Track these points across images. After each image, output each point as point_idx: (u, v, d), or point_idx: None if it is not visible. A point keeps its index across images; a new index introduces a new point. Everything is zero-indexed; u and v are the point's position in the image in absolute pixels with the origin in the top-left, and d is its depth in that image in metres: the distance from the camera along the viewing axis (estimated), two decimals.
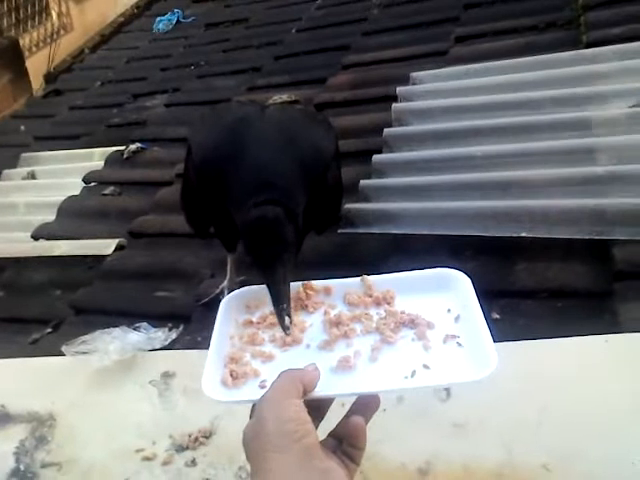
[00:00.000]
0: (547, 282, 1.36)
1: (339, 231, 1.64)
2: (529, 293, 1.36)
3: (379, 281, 0.90)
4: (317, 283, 0.93)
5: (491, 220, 1.51)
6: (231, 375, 0.80)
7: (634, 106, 1.72)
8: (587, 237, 1.40)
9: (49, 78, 4.34)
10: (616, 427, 1.01)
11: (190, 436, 1.18)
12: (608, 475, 0.95)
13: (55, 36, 5.24)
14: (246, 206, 1.01)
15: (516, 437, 1.04)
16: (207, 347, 0.84)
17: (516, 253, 1.45)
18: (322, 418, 0.75)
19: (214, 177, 1.16)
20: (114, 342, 1.41)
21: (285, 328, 0.84)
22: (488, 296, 0.82)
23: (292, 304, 0.90)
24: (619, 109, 1.75)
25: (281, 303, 0.86)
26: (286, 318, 0.84)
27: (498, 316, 1.31)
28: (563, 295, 1.33)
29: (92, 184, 2.48)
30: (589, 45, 2.13)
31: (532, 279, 1.38)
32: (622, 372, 1.09)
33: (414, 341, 0.81)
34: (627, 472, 0.95)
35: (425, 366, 0.77)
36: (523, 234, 1.46)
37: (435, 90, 2.19)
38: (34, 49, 5.08)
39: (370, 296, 0.89)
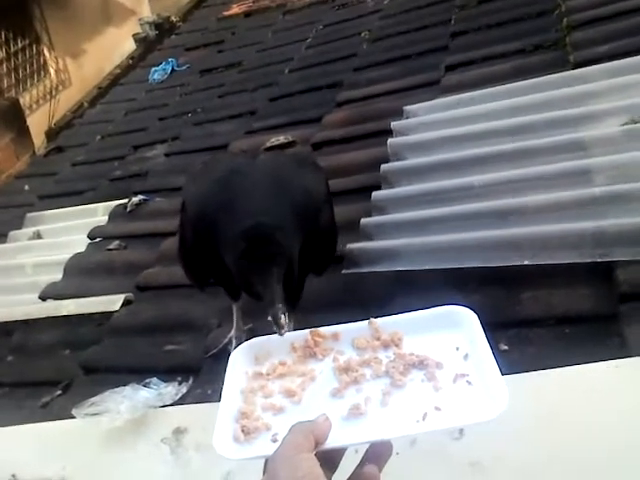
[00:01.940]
0: (553, 309, 1.35)
1: (343, 271, 1.64)
2: (536, 321, 1.35)
3: (386, 323, 0.90)
4: (325, 330, 0.93)
5: (493, 250, 1.51)
6: (242, 431, 0.79)
7: (626, 124, 1.73)
8: (589, 260, 1.39)
9: (50, 134, 4.42)
10: (628, 455, 0.99)
11: None
12: None
13: (54, 92, 5.34)
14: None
15: (531, 474, 1.02)
16: (218, 400, 0.84)
17: (520, 282, 1.44)
18: (335, 469, 0.74)
19: (208, 229, 1.18)
20: (125, 401, 1.41)
21: (280, 327, 0.86)
22: (495, 327, 0.82)
23: (301, 353, 0.90)
24: (612, 127, 1.75)
25: (278, 302, 0.87)
26: (282, 317, 0.86)
27: (506, 347, 1.30)
28: (570, 321, 1.32)
29: (97, 240, 2.50)
30: (577, 65, 2.15)
31: (538, 307, 1.37)
32: (634, 397, 1.07)
33: (424, 382, 0.81)
34: None
35: (436, 408, 0.76)
36: (526, 262, 1.46)
37: (429, 122, 2.21)
38: (34, 106, 5.17)
39: (378, 339, 0.89)
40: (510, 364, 0.74)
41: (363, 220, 1.78)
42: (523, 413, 1.08)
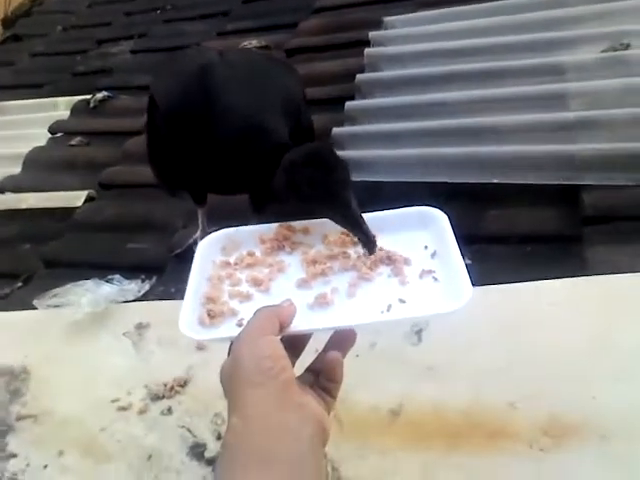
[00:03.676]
0: (516, 227, 1.38)
1: None
2: (499, 238, 1.37)
3: None
4: (295, 223, 0.93)
5: (462, 167, 1.52)
6: (208, 314, 0.80)
7: (606, 51, 1.72)
8: (556, 182, 1.41)
9: (6, 23, 4.16)
10: (580, 366, 1.04)
11: (165, 385, 1.19)
12: (571, 409, 0.99)
13: None
14: (250, 150, 1.05)
15: (485, 378, 1.06)
16: (181, 298, 0.84)
17: (487, 199, 1.46)
18: (299, 355, 0.76)
19: (185, 126, 1.14)
20: (86, 295, 1.40)
21: (374, 246, 0.83)
22: (459, 241, 0.83)
23: (269, 245, 0.90)
24: (591, 54, 1.74)
25: (364, 224, 0.85)
26: (372, 236, 0.84)
27: (469, 261, 1.32)
28: (532, 240, 1.35)
29: (58, 134, 2.41)
30: None
31: (502, 224, 1.40)
32: (589, 314, 1.12)
33: (390, 277, 0.83)
34: (588, 406, 0.98)
35: (401, 300, 0.78)
36: (494, 180, 1.47)
37: (408, 35, 2.15)
38: None
39: (347, 235, 0.89)
40: (471, 278, 0.76)
41: (335, 130, 1.76)
42: (481, 324, 1.13)
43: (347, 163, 0.94)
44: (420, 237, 0.87)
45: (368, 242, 0.84)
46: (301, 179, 0.93)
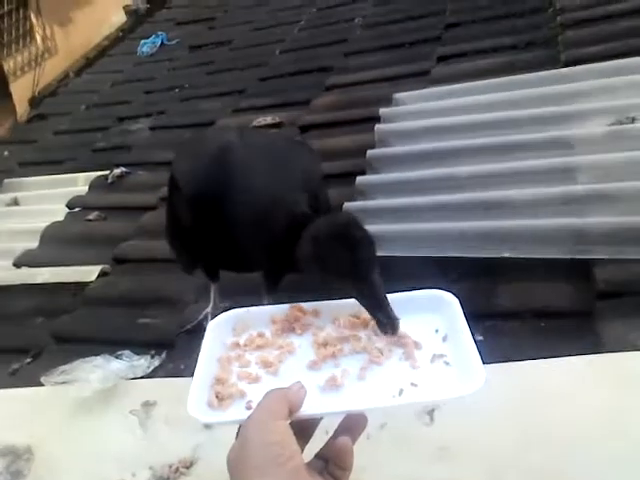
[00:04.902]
0: (529, 302, 1.36)
1: None
2: (512, 314, 1.35)
3: None
4: (305, 305, 0.92)
5: (473, 241, 1.52)
6: (217, 396, 0.79)
7: (613, 124, 1.74)
8: (568, 257, 1.40)
9: (34, 102, 4.33)
10: (597, 445, 1.01)
11: (170, 467, 1.16)
12: None
13: (39, 60, 5.23)
14: (278, 226, 1.05)
15: (500, 460, 1.03)
16: (190, 375, 0.83)
17: (498, 274, 1.45)
18: (308, 440, 0.74)
19: (206, 207, 1.17)
20: (95, 371, 1.40)
21: (396, 328, 0.83)
22: (471, 318, 0.82)
23: (280, 326, 0.90)
24: (598, 127, 1.76)
25: (388, 305, 0.84)
26: (395, 318, 0.83)
27: (481, 337, 1.30)
28: (546, 315, 1.33)
29: (76, 209, 2.47)
30: (567, 64, 2.15)
31: (515, 300, 1.38)
32: (604, 393, 1.09)
33: (401, 360, 0.81)
34: None
35: (413, 384, 0.77)
36: (506, 254, 1.46)
37: (418, 111, 2.20)
38: (18, 73, 5.06)
39: (358, 318, 0.89)
40: (484, 355, 0.75)
41: (346, 204, 1.78)
42: (494, 400, 1.09)
43: (373, 240, 0.93)
44: (431, 320, 0.86)
45: (390, 323, 0.83)
46: (327, 253, 0.94)
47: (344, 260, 0.90)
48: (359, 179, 1.89)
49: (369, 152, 2.00)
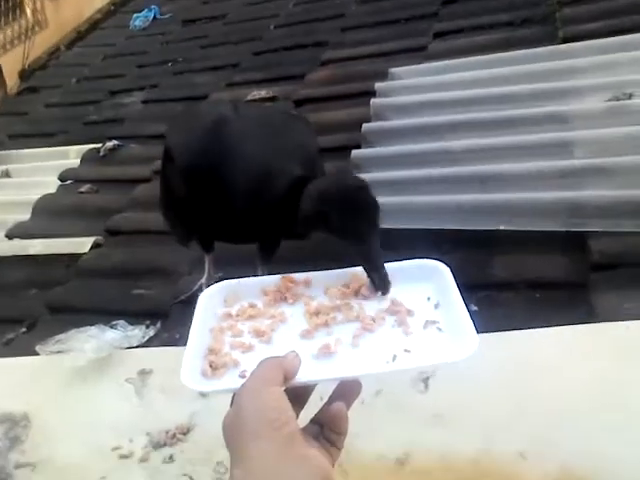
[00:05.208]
0: (524, 274, 1.37)
1: None
2: (506, 285, 1.36)
3: (360, 272, 0.90)
4: (296, 275, 0.92)
5: (469, 213, 1.52)
6: (210, 366, 0.78)
7: (609, 100, 1.74)
8: (564, 229, 1.41)
9: (24, 75, 4.27)
10: (589, 414, 1.02)
11: (167, 433, 1.16)
12: (582, 462, 0.96)
13: (29, 33, 5.15)
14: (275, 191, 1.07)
15: (494, 426, 1.04)
16: (185, 344, 0.83)
17: (494, 246, 1.45)
18: (303, 406, 0.74)
19: (202, 179, 1.16)
20: (90, 341, 1.39)
21: (387, 287, 0.85)
22: (466, 289, 0.82)
23: (271, 297, 0.90)
24: (595, 103, 1.76)
25: (383, 267, 0.86)
26: (388, 280, 0.85)
27: (476, 308, 1.31)
28: (540, 286, 1.34)
29: (68, 182, 2.45)
30: (565, 40, 2.14)
31: (509, 271, 1.39)
32: (598, 362, 1.10)
33: (394, 327, 0.82)
34: (599, 458, 0.96)
35: (406, 350, 0.76)
36: (501, 227, 1.47)
37: (413, 85, 2.19)
38: (8, 46, 4.98)
39: (348, 287, 0.89)
40: (479, 325, 0.75)
41: None
42: (488, 369, 1.11)
43: (379, 206, 0.97)
44: (422, 289, 0.86)
45: (382, 283, 0.85)
46: (335, 211, 0.97)
47: (351, 221, 0.93)
48: (354, 152, 1.88)
49: (364, 126, 1.99)
